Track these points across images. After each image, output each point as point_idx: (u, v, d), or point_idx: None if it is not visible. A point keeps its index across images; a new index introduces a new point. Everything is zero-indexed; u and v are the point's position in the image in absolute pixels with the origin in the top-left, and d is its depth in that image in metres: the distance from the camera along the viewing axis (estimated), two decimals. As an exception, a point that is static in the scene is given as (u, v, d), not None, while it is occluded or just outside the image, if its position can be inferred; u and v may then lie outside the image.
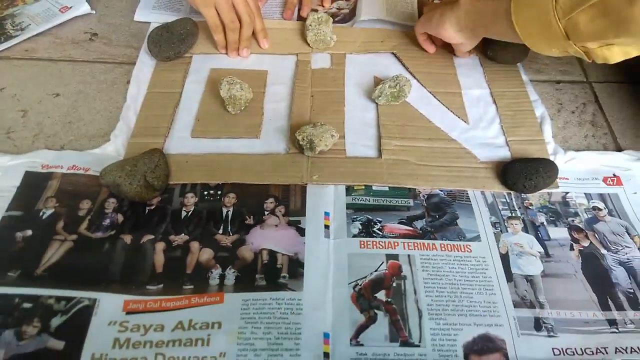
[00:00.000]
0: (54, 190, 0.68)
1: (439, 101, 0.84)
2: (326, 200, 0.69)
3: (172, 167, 0.72)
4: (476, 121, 0.81)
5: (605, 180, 0.73)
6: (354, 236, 0.65)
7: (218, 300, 0.59)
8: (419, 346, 0.57)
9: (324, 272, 0.62)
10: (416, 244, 0.65)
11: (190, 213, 0.67)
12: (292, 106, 0.81)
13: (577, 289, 0.62)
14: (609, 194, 0.72)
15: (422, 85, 0.86)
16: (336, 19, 0.98)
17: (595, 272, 0.64)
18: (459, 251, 0.64)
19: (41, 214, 0.66)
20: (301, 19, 0.98)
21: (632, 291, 0.62)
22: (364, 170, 0.73)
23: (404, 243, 0.65)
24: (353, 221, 0.67)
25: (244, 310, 0.58)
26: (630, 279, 0.63)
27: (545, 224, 0.68)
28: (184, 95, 0.83)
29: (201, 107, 0.81)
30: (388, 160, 0.74)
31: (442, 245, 0.65)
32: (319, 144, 0.71)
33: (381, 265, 0.62)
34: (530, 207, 0.70)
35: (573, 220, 0.69)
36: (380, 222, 0.67)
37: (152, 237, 0.65)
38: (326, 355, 0.56)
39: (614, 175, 0.74)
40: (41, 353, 0.54)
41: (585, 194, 0.72)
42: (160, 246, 0.64)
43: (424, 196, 0.70)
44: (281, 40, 0.92)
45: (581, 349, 0.57)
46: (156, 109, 0.80)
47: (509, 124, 0.79)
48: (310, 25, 0.88)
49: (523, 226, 0.68)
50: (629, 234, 0.67)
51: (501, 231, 0.67)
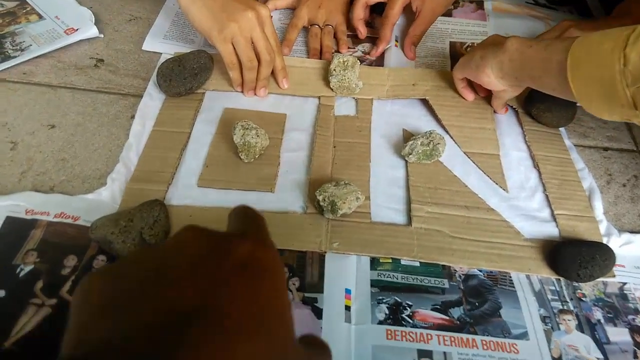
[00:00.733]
0: (35, 242, 0.59)
1: (474, 163, 0.75)
2: (347, 274, 0.60)
3: (173, 221, 0.63)
4: (517, 189, 0.72)
5: (667, 269, 0.64)
6: (380, 322, 0.56)
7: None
8: None
9: (343, 367, 0.53)
10: (453, 339, 0.55)
11: (190, 280, 0.58)
12: (312, 157, 0.73)
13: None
14: (673, 286, 0.63)
15: (455, 143, 0.77)
16: (362, 64, 0.89)
17: (663, 386, 0.54)
18: (503, 351, 0.54)
19: (18, 270, 0.57)
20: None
21: None
22: (391, 239, 0.64)
23: (438, 336, 0.55)
24: (378, 303, 0.58)
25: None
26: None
27: (603, 322, 0.58)
28: (193, 136, 0.75)
29: (211, 152, 0.72)
30: (419, 229, 0.65)
31: (484, 343, 0.55)
32: (341, 207, 0.62)
33: (411, 362, 0.53)
34: (584, 300, 0.60)
35: (634, 319, 0.59)
36: (410, 306, 0.58)
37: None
38: None
39: (677, 263, 0.64)
40: None
41: (645, 285, 0.62)
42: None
43: (460, 277, 0.61)
44: (302, 80, 0.84)
45: None
46: (161, 150, 0.72)
47: (555, 194, 0.70)
48: (335, 70, 0.80)
49: (577, 323, 0.58)
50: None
51: (552, 328, 0.57)
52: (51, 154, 0.70)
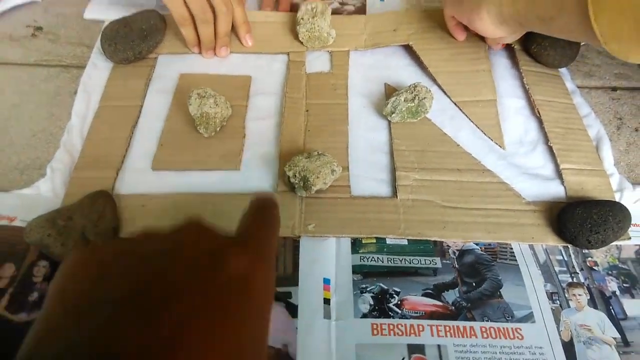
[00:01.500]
0: (-36, 251, 0.51)
1: (466, 116, 0.66)
2: (326, 261, 0.53)
3: (124, 215, 0.55)
4: (515, 144, 0.63)
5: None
6: (364, 316, 0.49)
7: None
8: None
9: (323, 371, 0.46)
10: (448, 329, 0.48)
11: (145, 282, 0.50)
12: (281, 125, 0.64)
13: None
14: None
15: (444, 93, 0.68)
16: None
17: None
18: (506, 338, 0.47)
19: (-54, 287, 0.49)
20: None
21: None
22: (374, 216, 0.56)
23: (431, 326, 0.48)
24: (362, 292, 0.50)
25: None
26: None
27: (619, 293, 0.51)
28: (144, 109, 0.66)
29: (166, 128, 0.63)
30: (406, 201, 0.57)
31: (484, 330, 0.48)
32: (315, 182, 0.54)
33: (402, 360, 0.46)
34: (596, 269, 0.53)
35: (654, 288, 0.52)
36: (398, 293, 0.50)
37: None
38: None
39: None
40: None
41: (666, 246, 0.55)
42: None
43: (454, 253, 0.54)
44: (268, 37, 0.74)
45: None
46: (108, 130, 0.63)
47: (559, 145, 0.62)
48: (302, 18, 0.70)
49: (589, 297, 0.51)
50: None
51: (561, 306, 0.50)
52: (-18, 143, 0.62)
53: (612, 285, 0.52)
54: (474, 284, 0.51)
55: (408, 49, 0.73)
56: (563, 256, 0.54)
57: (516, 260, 0.53)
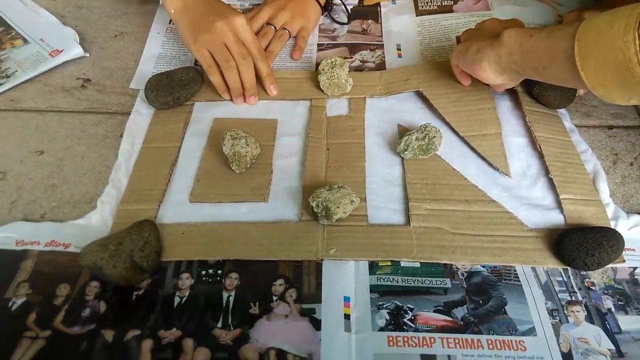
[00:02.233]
0: (27, 273, 0.58)
1: (473, 151, 0.72)
2: (346, 281, 0.58)
3: (165, 241, 0.61)
4: (519, 177, 0.69)
5: (681, 250, 0.61)
6: (381, 329, 0.54)
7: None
8: None
9: (344, 378, 0.51)
10: (457, 341, 0.53)
11: (184, 299, 0.57)
12: (305, 162, 0.71)
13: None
14: (686, 268, 0.60)
15: (453, 131, 0.75)
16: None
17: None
18: (510, 349, 0.52)
19: (11, 304, 0.56)
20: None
21: None
22: (390, 241, 0.62)
23: (442, 339, 0.53)
24: (379, 309, 0.56)
25: None
26: None
27: (614, 310, 0.56)
28: (183, 150, 0.73)
29: (202, 165, 0.71)
30: (418, 228, 0.63)
31: (490, 342, 0.53)
32: (336, 212, 0.60)
33: (415, 368, 0.51)
34: (593, 288, 0.58)
35: (647, 305, 0.56)
36: (411, 310, 0.56)
37: (138, 332, 0.54)
38: None
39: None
40: None
41: (658, 269, 0.60)
42: (148, 345, 0.53)
43: (462, 275, 0.59)
44: (293, 88, 0.82)
45: None
46: (150, 168, 0.70)
47: (560, 177, 0.68)
48: (323, 69, 0.78)
49: (586, 314, 0.55)
50: None
51: (560, 321, 0.55)
52: (40, 180, 0.70)
53: (608, 303, 0.56)
54: (480, 301, 0.56)
55: (419, 94, 0.80)
56: (563, 277, 0.59)
57: (519, 281, 0.58)
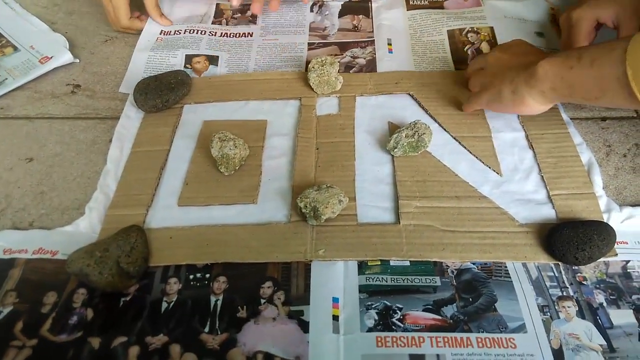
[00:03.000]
0: (14, 282, 0.58)
1: (465, 148, 0.72)
2: (334, 282, 0.58)
3: (153, 246, 0.61)
4: (511, 172, 0.68)
5: (674, 242, 0.60)
6: (369, 330, 0.53)
7: None
8: None
9: (333, 380, 0.51)
10: (447, 340, 0.52)
11: (172, 304, 0.57)
12: (294, 162, 0.70)
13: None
14: (680, 260, 0.59)
15: (444, 129, 0.74)
16: (350, 72, 0.86)
17: (675, 369, 0.51)
18: (500, 347, 0.52)
19: (-3, 312, 0.56)
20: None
21: None
22: (379, 240, 0.61)
23: (431, 338, 0.53)
24: (367, 309, 0.55)
25: None
26: None
27: (605, 305, 0.55)
28: (172, 153, 0.73)
29: (191, 168, 0.71)
30: (408, 226, 0.62)
31: (479, 340, 0.52)
32: (324, 212, 0.60)
33: (404, 368, 0.51)
34: (584, 283, 0.57)
35: (639, 299, 0.56)
36: (400, 309, 0.55)
37: (125, 339, 0.54)
38: None
39: (684, 235, 0.61)
40: None
41: (651, 261, 0.59)
42: (134, 351, 0.53)
43: (452, 272, 0.58)
44: (282, 87, 0.82)
45: None
46: (139, 172, 0.70)
47: (551, 174, 0.67)
48: (313, 67, 0.78)
49: (578, 309, 0.55)
50: None
51: (551, 317, 0.54)
52: (29, 188, 0.70)
53: (600, 297, 0.56)
54: (470, 299, 0.56)
55: (409, 97, 0.80)
56: (554, 272, 0.58)
57: (510, 277, 0.57)
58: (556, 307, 0.55)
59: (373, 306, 0.55)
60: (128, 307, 0.56)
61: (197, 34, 0.93)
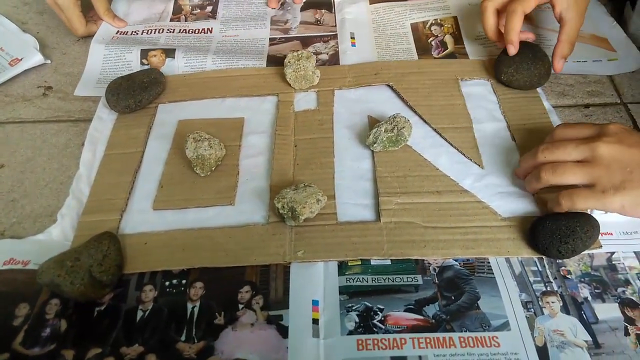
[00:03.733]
0: (-16, 295, 0.56)
1: (445, 140, 0.70)
2: (314, 285, 0.56)
3: (127, 253, 0.59)
4: (492, 164, 0.67)
5: (659, 231, 0.59)
6: (350, 333, 0.52)
7: None
8: None
9: (313, 385, 0.49)
10: (429, 340, 0.51)
11: (147, 313, 0.55)
12: (272, 161, 0.69)
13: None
14: (665, 250, 0.58)
15: (424, 121, 0.73)
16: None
17: (661, 364, 0.50)
18: (483, 346, 0.51)
19: (-33, 328, 0.54)
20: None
21: None
22: (359, 239, 0.60)
23: (412, 339, 0.51)
24: (348, 311, 0.54)
25: None
26: None
27: (590, 299, 0.54)
28: (146, 155, 0.71)
29: (166, 170, 0.69)
30: (388, 223, 0.61)
31: (462, 340, 0.51)
32: (302, 212, 0.58)
33: (386, 371, 0.49)
34: (569, 277, 0.56)
35: (624, 292, 0.55)
36: (381, 310, 0.54)
37: (99, 350, 0.52)
38: None
39: (670, 223, 0.60)
40: None
41: (636, 252, 0.58)
42: (109, 363, 0.51)
43: (434, 270, 0.57)
44: (259, 83, 0.80)
45: None
46: (113, 176, 0.68)
47: (532, 165, 0.66)
48: (289, 62, 0.76)
49: (562, 304, 0.54)
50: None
51: (535, 314, 0.53)
52: (0, 196, 0.67)
53: (584, 291, 0.55)
54: (453, 297, 0.55)
55: (389, 88, 0.78)
56: (538, 267, 0.57)
57: (493, 273, 0.56)
58: (540, 303, 0.54)
59: (354, 308, 0.54)
60: (102, 316, 0.55)
61: (154, 33, 0.91)
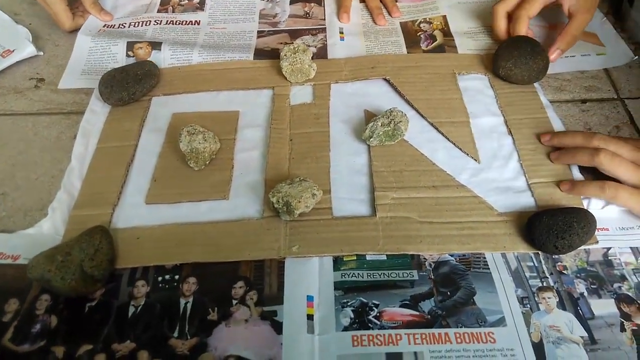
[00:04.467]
0: (-26, 290, 0.56)
1: (442, 135, 0.70)
2: (309, 280, 0.56)
3: (120, 247, 0.59)
4: (489, 159, 0.67)
5: (656, 227, 0.59)
6: (345, 329, 0.52)
7: None
8: None
9: (307, 382, 0.49)
10: (424, 336, 0.51)
11: (139, 308, 0.54)
12: (267, 155, 0.68)
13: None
14: (662, 245, 0.58)
15: (421, 115, 0.72)
16: None
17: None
18: (479, 342, 0.50)
19: (-45, 324, 0.53)
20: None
21: None
22: (354, 234, 0.59)
23: (408, 335, 0.51)
24: (343, 307, 0.53)
25: None
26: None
27: (586, 294, 0.54)
28: (139, 148, 0.70)
29: (159, 164, 0.68)
30: (384, 218, 0.60)
31: (458, 335, 0.51)
32: (297, 207, 0.58)
33: (381, 368, 0.49)
34: (565, 272, 0.56)
35: (620, 287, 0.54)
36: (377, 306, 0.53)
37: (90, 347, 0.51)
38: None
39: (666, 219, 0.59)
40: None
41: (632, 248, 0.57)
42: (100, 359, 0.50)
43: (430, 265, 0.57)
44: (255, 77, 0.79)
45: None
46: (105, 170, 0.67)
47: (530, 161, 0.65)
48: (285, 55, 0.75)
49: (558, 300, 0.53)
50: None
51: (531, 309, 0.53)
52: (-9, 189, 0.67)
53: (581, 287, 0.54)
54: (448, 293, 0.54)
55: (386, 80, 0.78)
56: (534, 262, 0.56)
57: (489, 268, 0.56)
58: (536, 299, 0.53)
59: (349, 304, 0.53)
60: (94, 312, 0.54)
61: (142, 25, 0.90)
